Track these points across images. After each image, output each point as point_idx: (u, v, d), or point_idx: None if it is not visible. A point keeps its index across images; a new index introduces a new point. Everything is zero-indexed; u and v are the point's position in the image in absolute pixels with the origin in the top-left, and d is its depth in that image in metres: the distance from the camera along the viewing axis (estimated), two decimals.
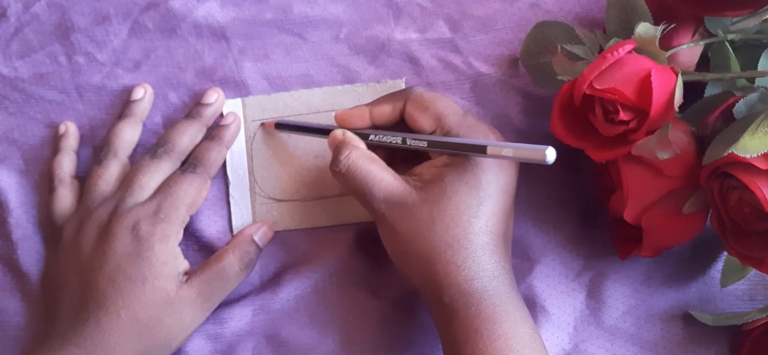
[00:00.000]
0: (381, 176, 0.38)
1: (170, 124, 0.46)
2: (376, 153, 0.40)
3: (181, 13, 0.47)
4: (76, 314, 0.39)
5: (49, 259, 0.44)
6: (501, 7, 0.46)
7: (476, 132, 0.38)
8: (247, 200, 0.45)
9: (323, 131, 0.42)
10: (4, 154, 0.46)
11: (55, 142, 0.46)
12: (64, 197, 0.43)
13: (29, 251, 0.45)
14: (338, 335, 0.44)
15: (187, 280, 0.40)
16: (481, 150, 0.36)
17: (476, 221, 0.36)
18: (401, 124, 0.41)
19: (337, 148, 0.39)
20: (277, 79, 0.46)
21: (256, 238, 0.43)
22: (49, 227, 0.44)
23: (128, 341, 0.39)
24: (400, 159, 0.41)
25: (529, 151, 0.34)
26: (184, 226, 0.42)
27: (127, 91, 0.46)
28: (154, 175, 0.42)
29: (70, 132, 0.45)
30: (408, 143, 0.39)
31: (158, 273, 0.39)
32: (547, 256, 0.44)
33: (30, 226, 0.45)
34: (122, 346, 0.38)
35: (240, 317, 0.44)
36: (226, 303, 0.44)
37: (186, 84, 0.46)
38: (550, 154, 0.33)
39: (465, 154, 0.37)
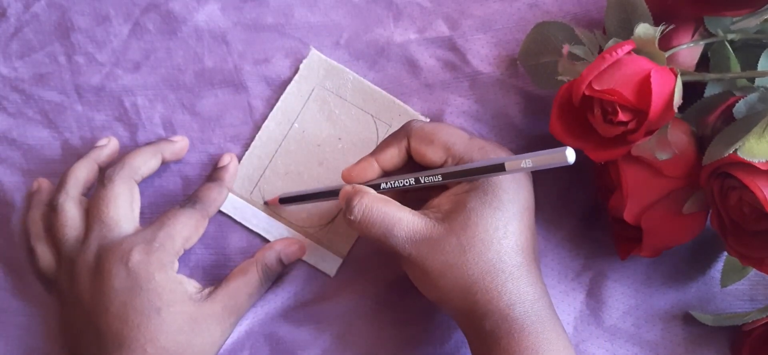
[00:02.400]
0: (399, 216, 0.37)
1: (168, 124, 0.46)
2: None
3: (182, 15, 0.47)
4: None
5: (58, 310, 0.43)
6: (500, 7, 0.46)
7: (487, 152, 0.38)
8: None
9: (331, 193, 0.42)
10: (5, 154, 0.46)
11: (28, 199, 0.44)
12: (45, 253, 0.42)
13: None
14: (334, 330, 0.44)
15: (209, 295, 0.40)
16: (500, 168, 0.35)
17: (506, 241, 0.36)
18: (410, 163, 0.40)
19: (349, 198, 0.38)
20: (276, 81, 0.46)
21: (282, 255, 0.43)
22: (42, 280, 0.43)
23: None
24: (414, 197, 0.41)
25: (547, 156, 0.33)
26: (178, 257, 0.41)
27: (127, 92, 0.46)
28: (115, 201, 0.41)
29: (43, 188, 0.44)
30: (422, 181, 0.38)
31: (170, 300, 0.39)
32: (546, 255, 0.44)
33: None
34: None
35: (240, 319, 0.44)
36: None
37: (185, 86, 0.46)
38: (570, 155, 0.32)
39: (483, 176, 0.36)
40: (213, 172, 0.45)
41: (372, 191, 0.39)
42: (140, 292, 0.38)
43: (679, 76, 0.34)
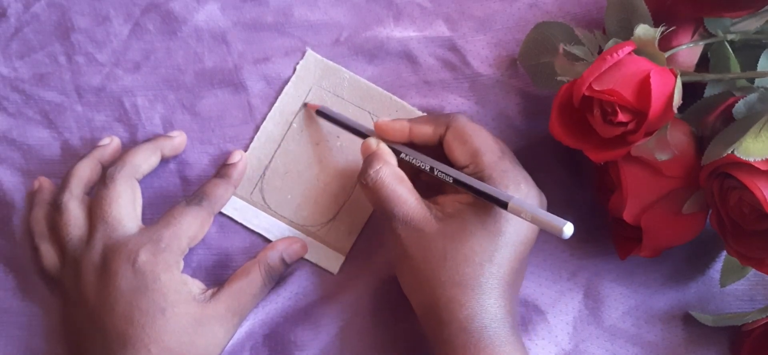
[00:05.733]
0: (405, 198, 0.38)
1: (168, 124, 0.46)
2: (404, 170, 0.40)
3: (182, 15, 0.47)
4: None
5: (60, 310, 0.43)
6: (500, 7, 0.46)
7: (508, 178, 0.37)
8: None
9: (359, 133, 0.43)
10: (5, 154, 0.46)
11: (29, 198, 0.45)
12: (49, 252, 0.42)
13: None
14: (334, 329, 0.44)
15: (213, 296, 0.40)
16: (503, 204, 0.35)
17: (489, 265, 0.36)
18: (439, 148, 0.40)
19: (369, 159, 0.39)
20: (276, 80, 0.46)
21: (284, 254, 0.43)
22: (45, 280, 0.43)
23: None
24: (428, 181, 0.41)
25: (547, 220, 0.33)
26: (183, 256, 0.41)
27: (127, 92, 0.46)
28: (118, 200, 0.41)
29: (44, 187, 0.44)
30: (435, 173, 0.39)
31: (175, 300, 0.39)
32: (545, 256, 0.44)
33: None
34: None
35: None
36: None
37: (185, 86, 0.46)
38: (568, 230, 0.33)
39: (487, 200, 0.37)
40: (221, 169, 0.45)
41: (393, 162, 0.40)
42: (146, 292, 0.38)
43: (678, 76, 0.34)
